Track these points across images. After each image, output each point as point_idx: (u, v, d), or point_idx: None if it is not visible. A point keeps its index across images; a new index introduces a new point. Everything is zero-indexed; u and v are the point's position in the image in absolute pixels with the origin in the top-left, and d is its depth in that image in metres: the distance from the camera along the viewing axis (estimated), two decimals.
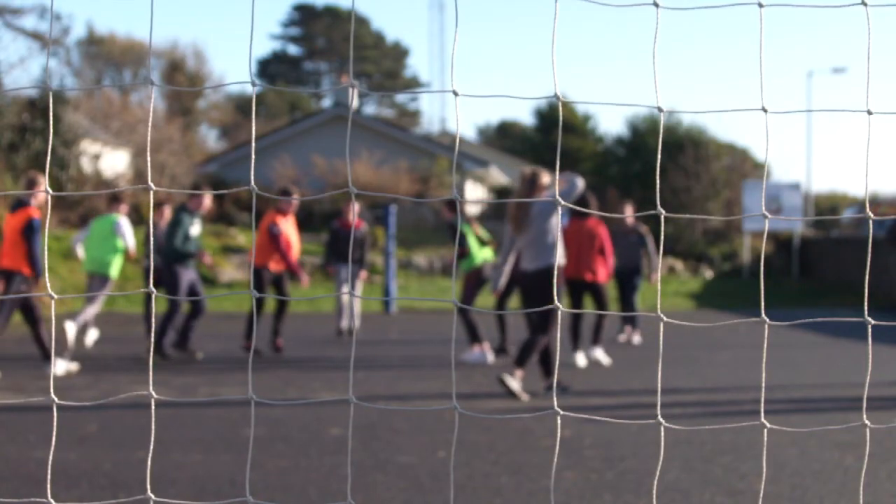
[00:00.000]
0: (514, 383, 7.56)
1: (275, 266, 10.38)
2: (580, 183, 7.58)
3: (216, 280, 19.17)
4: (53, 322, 1.94)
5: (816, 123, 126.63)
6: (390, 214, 17.26)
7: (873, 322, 2.16)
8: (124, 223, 10.42)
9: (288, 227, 10.46)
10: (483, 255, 10.25)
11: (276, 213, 10.42)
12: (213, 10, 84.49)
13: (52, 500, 2.05)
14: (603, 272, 9.66)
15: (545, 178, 7.73)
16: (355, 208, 1.95)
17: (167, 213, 11.18)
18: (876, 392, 8.00)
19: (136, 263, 11.27)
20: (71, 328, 9.79)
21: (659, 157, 2.23)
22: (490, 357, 10.01)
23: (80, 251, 10.86)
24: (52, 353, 2.04)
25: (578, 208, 2.19)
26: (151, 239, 1.86)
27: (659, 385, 2.13)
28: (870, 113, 2.20)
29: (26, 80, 28.38)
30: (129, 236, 10.38)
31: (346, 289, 12.98)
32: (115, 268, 10.28)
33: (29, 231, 8.42)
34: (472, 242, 10.24)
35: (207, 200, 10.26)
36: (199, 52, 43.55)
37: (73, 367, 8.86)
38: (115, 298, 17.05)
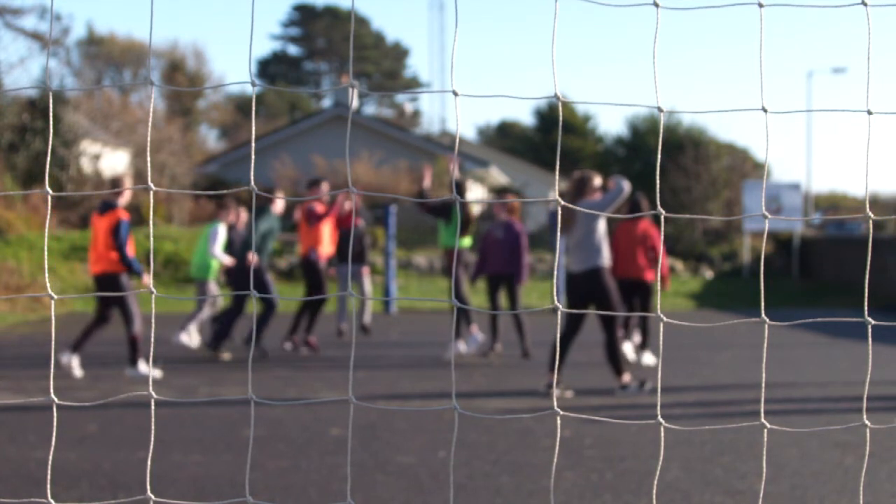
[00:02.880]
0: (632, 387, 7.83)
1: (324, 252, 10.59)
2: (626, 186, 7.65)
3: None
4: (53, 323, 1.94)
5: (816, 123, 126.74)
6: (390, 214, 17.25)
7: (873, 322, 2.16)
8: (219, 231, 10.79)
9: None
10: (461, 242, 10.32)
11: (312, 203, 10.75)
12: (213, 10, 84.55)
13: (52, 500, 2.05)
14: (652, 273, 9.73)
15: (596, 180, 7.92)
16: (347, 206, 1.95)
17: (243, 216, 11.50)
18: (876, 392, 8.00)
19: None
20: (186, 338, 10.66)
21: (659, 157, 2.23)
22: (480, 336, 10.14)
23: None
24: (139, 357, 2.02)
25: (584, 209, 2.19)
26: (152, 240, 1.86)
27: (659, 385, 2.13)
28: (870, 113, 2.20)
29: (26, 81, 28.40)
30: (217, 244, 10.74)
31: (348, 289, 12.98)
32: (213, 271, 10.85)
33: (117, 231, 8.53)
34: (452, 228, 10.32)
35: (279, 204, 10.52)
36: (199, 52, 43.63)
37: (76, 369, 8.87)
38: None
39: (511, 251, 10.32)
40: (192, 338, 11.14)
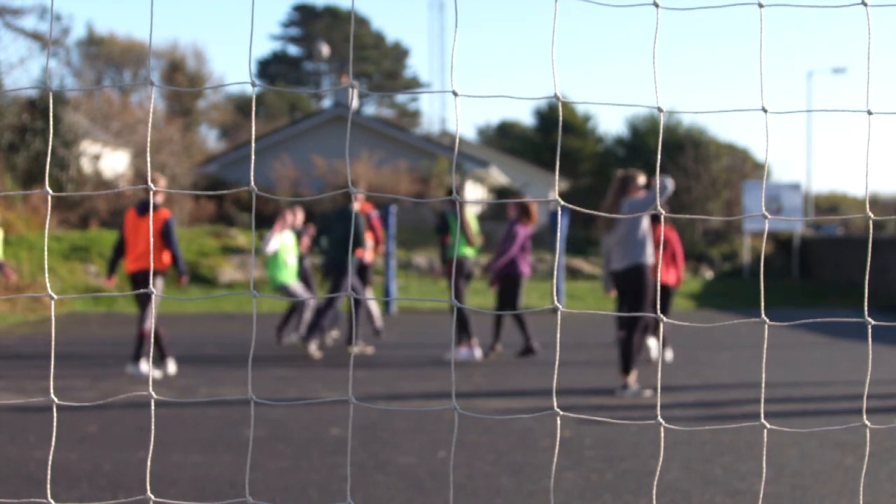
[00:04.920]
0: (633, 388, 7.82)
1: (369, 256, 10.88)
2: (670, 184, 7.69)
3: (216, 281, 19.17)
4: (53, 323, 1.94)
5: (816, 123, 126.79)
6: (390, 215, 17.25)
7: (873, 322, 2.16)
8: (271, 238, 10.87)
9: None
10: (464, 250, 10.31)
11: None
12: (213, 11, 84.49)
13: (52, 501, 2.05)
14: (672, 276, 9.78)
15: (640, 178, 7.99)
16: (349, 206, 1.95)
17: (311, 230, 11.81)
18: (876, 392, 8.00)
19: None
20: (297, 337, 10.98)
21: (659, 157, 2.23)
22: (478, 353, 10.11)
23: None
24: (143, 356, 2.02)
25: (578, 211, 2.19)
26: (151, 240, 1.86)
27: (659, 385, 2.13)
28: (870, 113, 2.20)
29: (26, 81, 28.41)
30: (268, 245, 10.81)
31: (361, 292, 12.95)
32: (280, 276, 10.83)
33: (167, 231, 8.64)
34: (453, 234, 10.32)
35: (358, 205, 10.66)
36: (199, 52, 43.64)
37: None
38: (116, 299, 17.06)
39: (520, 249, 10.39)
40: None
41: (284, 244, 10.97)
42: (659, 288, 2.06)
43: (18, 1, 40.21)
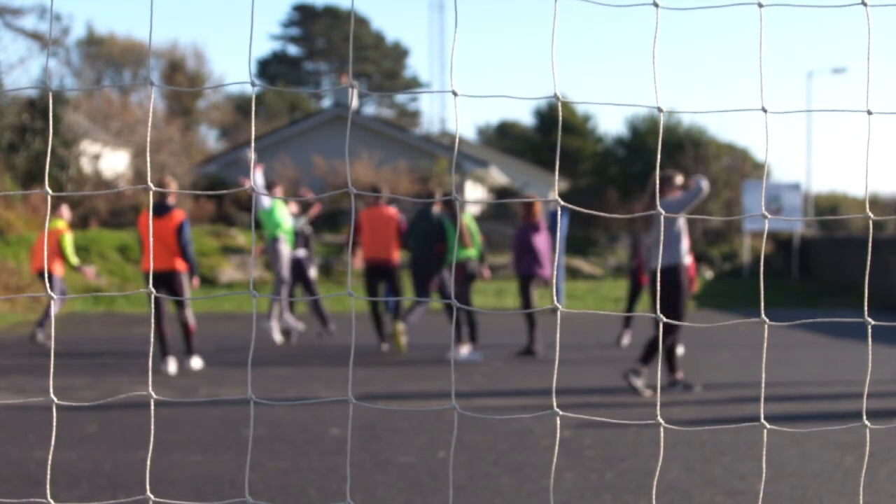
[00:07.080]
0: (639, 381, 7.87)
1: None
2: (705, 185, 7.77)
3: (216, 280, 19.16)
4: (53, 322, 1.94)
5: (816, 123, 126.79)
6: None
7: (873, 322, 2.16)
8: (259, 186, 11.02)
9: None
10: (465, 252, 10.35)
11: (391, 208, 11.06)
12: (213, 11, 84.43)
13: (51, 501, 2.05)
14: None
15: (678, 178, 8.16)
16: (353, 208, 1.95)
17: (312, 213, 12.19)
18: (876, 392, 8.00)
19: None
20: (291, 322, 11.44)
21: (659, 157, 2.23)
22: (479, 356, 10.14)
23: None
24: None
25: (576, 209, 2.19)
26: (150, 240, 1.85)
27: (658, 385, 2.13)
28: (870, 113, 2.20)
29: (26, 81, 28.40)
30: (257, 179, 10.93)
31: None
32: (274, 230, 11.10)
33: (182, 232, 8.83)
34: (451, 239, 10.35)
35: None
36: (199, 52, 43.63)
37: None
38: (116, 299, 17.05)
39: (521, 250, 10.63)
40: (276, 331, 11.48)
41: (283, 210, 11.13)
42: (659, 287, 2.06)
43: (18, 1, 40.19)
